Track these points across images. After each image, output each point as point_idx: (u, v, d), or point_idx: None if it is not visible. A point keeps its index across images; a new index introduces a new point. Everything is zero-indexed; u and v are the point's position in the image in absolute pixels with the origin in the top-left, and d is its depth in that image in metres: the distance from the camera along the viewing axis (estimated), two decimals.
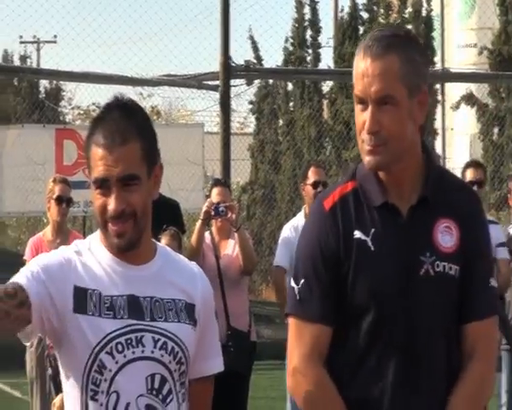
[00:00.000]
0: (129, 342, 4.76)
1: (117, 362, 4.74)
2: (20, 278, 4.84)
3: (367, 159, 5.03)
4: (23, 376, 13.05)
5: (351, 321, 5.08)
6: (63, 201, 12.68)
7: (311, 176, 13.64)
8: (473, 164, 16.01)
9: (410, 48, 5.22)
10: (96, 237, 5.04)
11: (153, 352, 4.80)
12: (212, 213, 12.97)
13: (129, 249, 4.86)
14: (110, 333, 4.75)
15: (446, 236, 5.02)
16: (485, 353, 5.29)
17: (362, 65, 5.02)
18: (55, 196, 12.60)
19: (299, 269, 5.21)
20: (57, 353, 5.01)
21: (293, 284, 5.18)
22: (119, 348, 4.72)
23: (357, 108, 5.06)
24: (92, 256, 4.95)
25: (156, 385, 4.78)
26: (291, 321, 5.25)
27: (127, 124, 4.83)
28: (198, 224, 13.68)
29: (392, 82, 5.01)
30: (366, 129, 4.98)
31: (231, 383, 13.26)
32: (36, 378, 12.15)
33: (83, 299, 4.77)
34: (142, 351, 4.78)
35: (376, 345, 5.05)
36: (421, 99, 5.23)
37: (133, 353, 4.75)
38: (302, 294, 5.13)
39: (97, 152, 4.76)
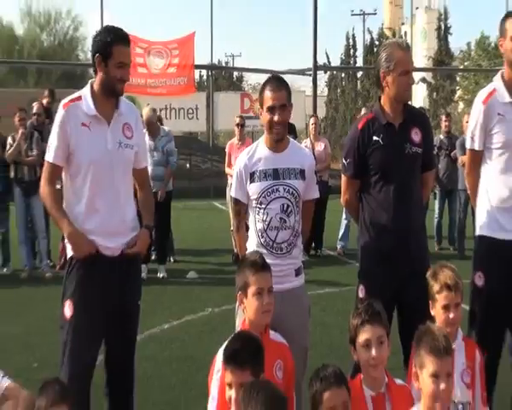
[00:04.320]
0: (272, 190, 4.70)
1: (267, 200, 4.69)
2: (237, 193, 4.92)
3: (405, 95, 4.96)
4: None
5: (370, 177, 5.02)
6: (239, 125, 12.20)
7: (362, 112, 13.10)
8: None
9: None
10: (261, 141, 4.89)
11: (283, 194, 4.71)
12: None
13: (280, 141, 4.78)
14: (263, 188, 4.71)
15: (415, 136, 4.91)
16: (427, 183, 5.30)
17: (402, 54, 4.88)
18: (236, 123, 12.31)
19: (345, 155, 5.14)
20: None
21: (343, 160, 5.16)
22: (268, 193, 4.69)
23: (404, 78, 4.87)
24: (258, 149, 4.84)
25: (285, 208, 4.70)
26: (343, 176, 5.22)
27: (281, 82, 4.75)
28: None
29: (412, 63, 4.99)
30: (410, 83, 4.90)
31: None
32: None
33: (253, 177, 4.73)
34: (278, 194, 4.72)
35: (383, 185, 4.96)
36: None
37: (274, 195, 4.71)
38: (347, 165, 5.07)
39: (269, 94, 4.67)
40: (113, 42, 4.42)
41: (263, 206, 4.73)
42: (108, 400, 4.66)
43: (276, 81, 4.81)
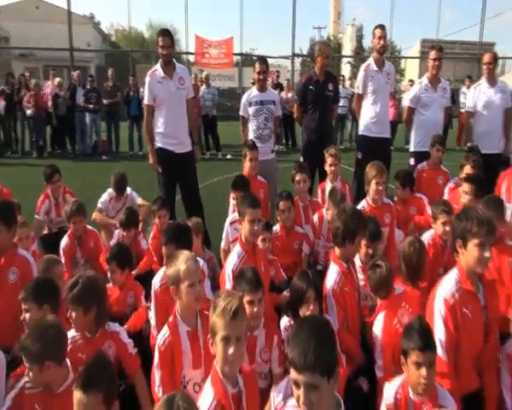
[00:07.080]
0: (259, 110, 4.45)
1: (258, 114, 4.43)
2: (243, 112, 4.47)
3: (323, 67, 4.60)
4: None
5: (308, 105, 4.78)
6: (253, 83, 11.20)
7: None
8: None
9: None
10: (254, 88, 4.52)
11: (265, 111, 4.35)
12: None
13: (264, 87, 4.47)
14: (255, 109, 4.43)
15: (330, 87, 4.56)
16: (334, 110, 4.98)
17: (323, 47, 4.62)
18: (251, 82, 11.20)
19: (295, 93, 4.93)
20: None
21: (295, 96, 4.96)
22: (257, 111, 4.40)
23: (322, 57, 4.55)
24: (252, 92, 4.47)
25: (266, 118, 4.45)
26: (295, 104, 4.99)
27: (264, 60, 4.53)
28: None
29: (329, 52, 4.67)
30: (325, 63, 4.60)
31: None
32: None
33: (250, 104, 4.41)
34: (262, 112, 4.47)
35: (313, 110, 4.72)
36: None
37: (261, 112, 4.40)
38: (297, 98, 4.88)
39: (257, 65, 4.40)
40: (157, 36, 4.30)
41: (255, 118, 4.54)
42: (187, 212, 4.75)
43: (262, 59, 4.59)
